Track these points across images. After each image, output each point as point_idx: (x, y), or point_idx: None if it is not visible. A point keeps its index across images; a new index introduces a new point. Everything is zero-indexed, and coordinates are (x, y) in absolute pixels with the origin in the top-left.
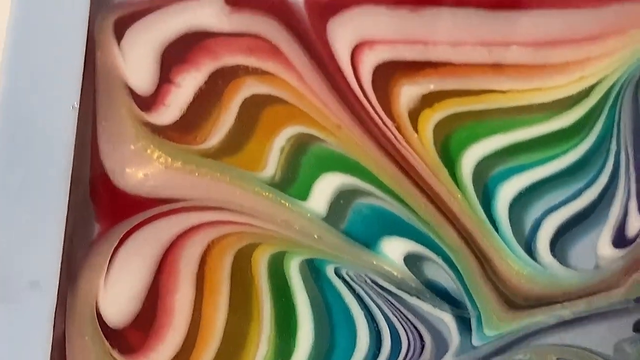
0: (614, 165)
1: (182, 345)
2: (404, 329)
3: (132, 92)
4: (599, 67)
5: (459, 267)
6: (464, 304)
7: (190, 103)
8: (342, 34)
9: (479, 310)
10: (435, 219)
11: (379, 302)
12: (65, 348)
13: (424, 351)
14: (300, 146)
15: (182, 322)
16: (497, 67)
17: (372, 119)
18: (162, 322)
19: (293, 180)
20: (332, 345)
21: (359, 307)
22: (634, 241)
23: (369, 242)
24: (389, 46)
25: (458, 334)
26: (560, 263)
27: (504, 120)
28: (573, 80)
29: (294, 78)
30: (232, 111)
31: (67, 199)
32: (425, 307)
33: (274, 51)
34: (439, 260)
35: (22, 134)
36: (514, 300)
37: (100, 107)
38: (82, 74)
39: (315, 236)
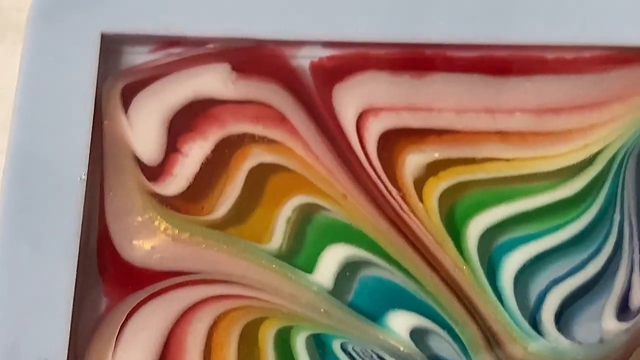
0: (617, 235)
1: None
2: None
3: (139, 162)
4: (602, 134)
5: (464, 341)
6: None
7: (197, 173)
8: (347, 100)
9: None
10: (441, 291)
11: None
12: None
13: None
14: (306, 216)
15: None
16: (501, 135)
17: (377, 188)
18: None
19: (299, 252)
20: None
21: None
22: (637, 314)
23: (375, 316)
24: (393, 113)
25: None
26: (565, 337)
27: (509, 189)
28: (577, 148)
29: (300, 146)
30: (238, 181)
31: (75, 272)
32: None
33: (280, 119)
34: (444, 334)
35: (30, 206)
36: None
37: (108, 177)
38: (90, 143)
39: (322, 310)
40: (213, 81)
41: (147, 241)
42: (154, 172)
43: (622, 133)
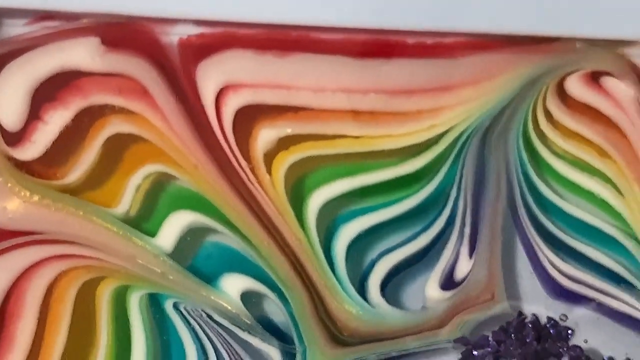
0: (452, 210)
1: None
2: None
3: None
4: (450, 116)
5: (291, 304)
6: (292, 339)
7: (55, 140)
8: (210, 76)
9: (305, 346)
10: (276, 257)
11: (211, 335)
12: None
13: None
14: (156, 184)
15: (22, 350)
16: (353, 113)
17: (228, 159)
18: (3, 350)
19: (146, 217)
20: None
21: (191, 340)
22: (460, 284)
23: (211, 278)
24: (253, 90)
25: None
26: (389, 303)
27: (354, 164)
28: (424, 128)
29: (158, 118)
30: (94, 149)
31: None
32: (255, 341)
33: (142, 91)
34: (274, 297)
35: None
36: (341, 337)
37: None
38: None
39: (159, 271)
40: (81, 54)
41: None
42: (13, 138)
43: (468, 116)
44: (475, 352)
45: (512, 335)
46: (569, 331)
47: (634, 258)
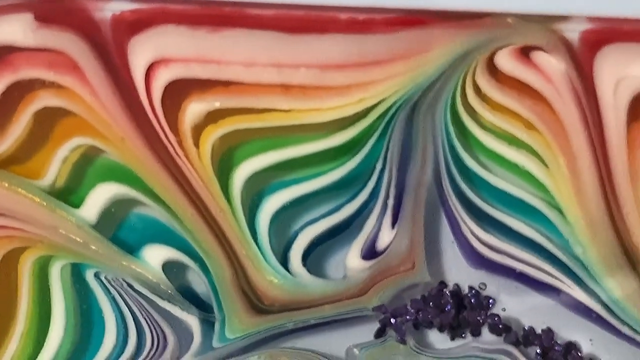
0: (376, 182)
1: None
2: (150, 330)
3: None
4: (379, 90)
5: (212, 274)
6: (211, 308)
7: None
8: (141, 51)
9: (224, 314)
10: (200, 228)
11: (131, 304)
12: None
13: (165, 351)
14: (84, 157)
15: None
16: (283, 87)
17: (156, 133)
18: None
19: (72, 189)
20: (82, 342)
21: (111, 309)
22: (382, 254)
23: (134, 249)
24: (183, 64)
25: (201, 335)
26: (310, 272)
27: (282, 137)
28: (353, 102)
29: (87, 92)
30: (22, 122)
31: None
32: (174, 310)
33: (73, 66)
34: (195, 267)
35: None
36: (260, 306)
37: None
38: None
39: (81, 242)
40: (13, 29)
41: None
42: None
43: (398, 89)
44: (393, 320)
45: (431, 303)
46: (490, 300)
47: (556, 228)
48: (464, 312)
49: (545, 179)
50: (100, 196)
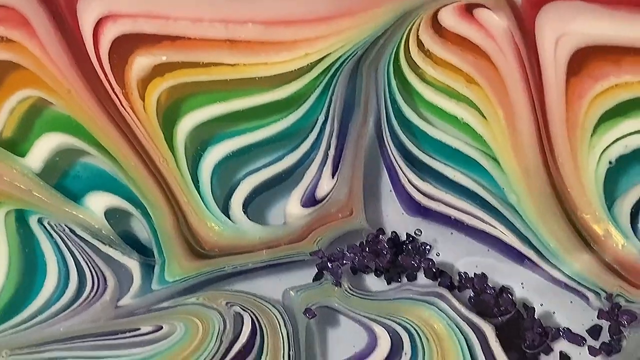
0: (318, 134)
1: None
2: (91, 272)
3: None
4: (324, 45)
5: (154, 220)
6: (152, 253)
7: None
8: (91, 7)
9: (164, 258)
10: (143, 177)
11: (73, 249)
12: None
13: (105, 292)
14: (32, 108)
15: None
16: (230, 42)
17: (103, 85)
18: None
19: (19, 139)
20: (24, 285)
21: (53, 253)
22: (321, 202)
23: (77, 197)
24: (132, 20)
25: (140, 278)
26: (251, 220)
27: (227, 90)
28: (298, 57)
29: (37, 47)
30: None
31: None
32: (115, 254)
33: (23, 22)
34: (137, 214)
35: None
36: (200, 251)
37: None
38: None
39: (25, 189)
40: None
41: None
42: None
43: (343, 45)
44: (330, 264)
45: (368, 249)
46: (427, 247)
47: (492, 178)
48: (400, 257)
49: (484, 131)
50: (45, 146)
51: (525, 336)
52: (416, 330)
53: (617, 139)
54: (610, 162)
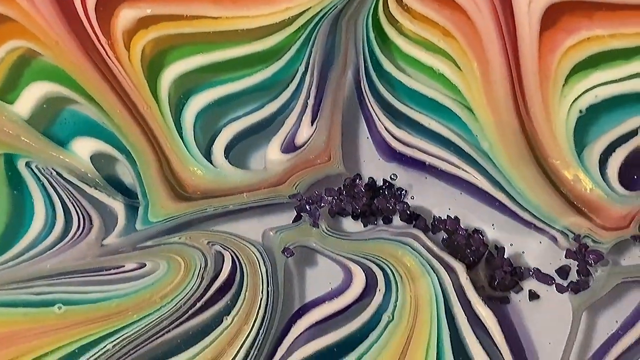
0: (298, 84)
1: None
2: (77, 213)
3: None
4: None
5: (138, 165)
6: (136, 195)
7: None
8: None
9: (147, 200)
10: (127, 124)
11: (60, 190)
12: None
13: (91, 231)
14: (21, 58)
15: None
16: None
17: (89, 37)
18: None
19: (8, 88)
20: (13, 224)
21: (40, 195)
22: (300, 148)
23: (64, 142)
24: None
25: (125, 219)
26: (231, 164)
27: (210, 43)
28: (279, 11)
29: None
30: None
31: None
32: (100, 196)
33: None
34: (122, 158)
35: None
36: (183, 194)
37: None
38: None
39: (14, 134)
40: None
41: None
42: None
43: None
44: (308, 207)
45: (345, 192)
46: (403, 191)
47: (466, 126)
48: (375, 200)
49: (459, 81)
50: (33, 94)
51: (495, 274)
52: (390, 268)
53: (588, 89)
54: (580, 111)
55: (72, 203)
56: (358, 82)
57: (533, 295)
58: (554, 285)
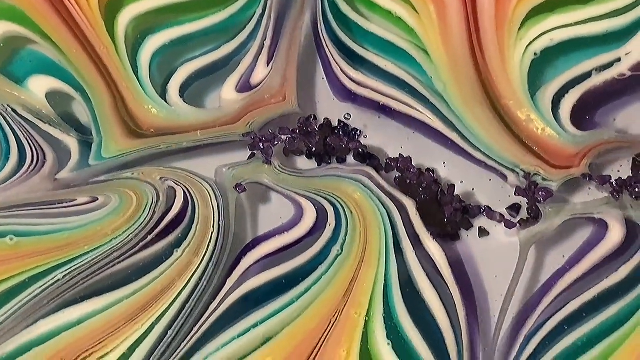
0: (255, 25)
1: None
2: (31, 148)
3: None
4: None
5: (94, 103)
6: (89, 131)
7: None
8: None
9: (102, 137)
10: (84, 64)
11: (14, 126)
12: None
13: (44, 166)
14: None
15: None
16: None
17: None
18: None
19: None
20: None
21: None
22: (255, 87)
23: (20, 80)
24: None
25: (78, 154)
26: (187, 103)
27: None
28: None
29: None
30: None
31: None
32: (54, 132)
33: None
34: (78, 96)
35: None
36: (137, 131)
37: None
38: None
39: None
40: None
41: None
42: None
43: None
44: (262, 145)
45: (299, 131)
46: (357, 131)
47: (421, 67)
48: (329, 139)
49: (415, 24)
50: None
51: (444, 210)
52: (341, 204)
53: (544, 33)
54: (535, 54)
55: (26, 139)
56: (315, 24)
57: (483, 232)
58: (503, 222)
